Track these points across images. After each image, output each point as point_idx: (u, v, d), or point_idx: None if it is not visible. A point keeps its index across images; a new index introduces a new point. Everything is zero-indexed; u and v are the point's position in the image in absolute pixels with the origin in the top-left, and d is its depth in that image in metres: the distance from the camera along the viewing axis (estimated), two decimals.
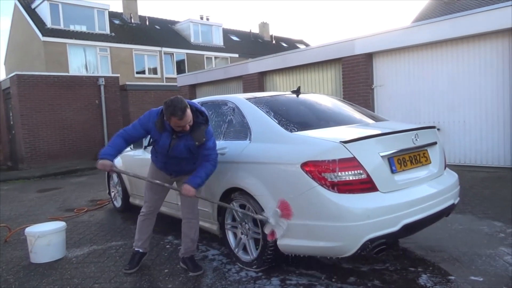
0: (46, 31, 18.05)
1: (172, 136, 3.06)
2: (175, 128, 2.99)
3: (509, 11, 6.39)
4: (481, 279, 2.78)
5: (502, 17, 6.48)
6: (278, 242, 2.89)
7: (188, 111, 2.91)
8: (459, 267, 3.01)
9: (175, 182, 3.43)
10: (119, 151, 3.17)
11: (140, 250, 3.44)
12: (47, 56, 17.69)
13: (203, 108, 3.15)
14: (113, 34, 20.41)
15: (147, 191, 3.43)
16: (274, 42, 30.34)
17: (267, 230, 2.86)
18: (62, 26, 18.74)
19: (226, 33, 27.06)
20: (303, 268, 3.14)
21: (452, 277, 2.85)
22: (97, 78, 13.67)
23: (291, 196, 2.80)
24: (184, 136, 3.06)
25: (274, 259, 3.05)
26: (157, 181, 3.23)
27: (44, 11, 18.67)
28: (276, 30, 68.44)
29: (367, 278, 2.91)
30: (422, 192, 2.89)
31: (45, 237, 3.66)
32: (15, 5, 20.36)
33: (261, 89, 11.02)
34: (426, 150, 3.17)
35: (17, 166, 12.87)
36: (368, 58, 8.51)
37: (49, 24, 18.38)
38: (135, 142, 3.17)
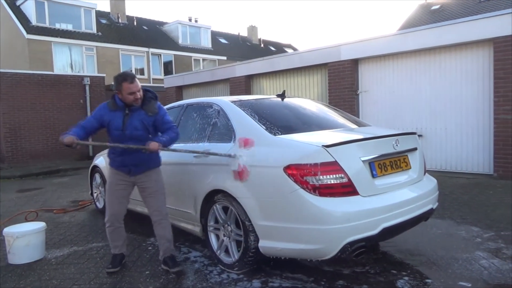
0: (31, 29, 17.77)
1: (125, 112, 3.19)
2: (127, 99, 3.13)
3: (491, 22, 6.59)
4: (457, 283, 2.84)
5: (484, 27, 6.67)
6: (259, 245, 2.91)
7: (137, 80, 3.17)
8: (436, 270, 3.08)
9: (136, 187, 3.39)
10: (79, 135, 3.13)
11: (120, 253, 3.46)
12: (31, 54, 17.40)
13: (150, 89, 3.37)
14: (99, 33, 20.21)
15: (108, 196, 3.38)
16: (262, 45, 30.47)
17: (234, 167, 3.04)
18: (47, 24, 18.48)
19: (215, 35, 27.06)
20: (288, 271, 3.16)
21: (429, 280, 2.91)
22: (82, 77, 13.49)
23: (273, 199, 2.82)
24: (136, 110, 3.20)
25: (255, 261, 3.06)
26: (121, 145, 3.16)
27: (29, 9, 18.38)
28: (265, 34, 68.69)
29: (345, 280, 2.95)
30: (402, 196, 2.95)
31: (24, 238, 3.60)
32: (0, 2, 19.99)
33: (248, 92, 11.06)
34: (407, 155, 3.23)
35: None
36: (354, 64, 8.63)
37: (34, 21, 18.10)
38: (91, 134, 3.26)
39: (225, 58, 24.62)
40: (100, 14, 22.10)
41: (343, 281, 2.96)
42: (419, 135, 7.23)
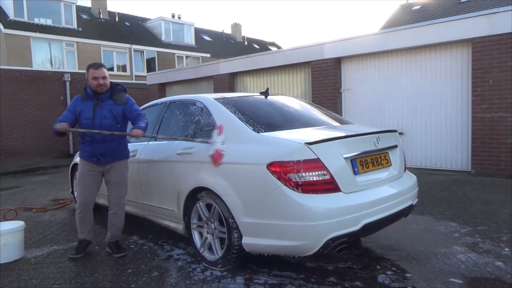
0: (9, 23, 17.31)
1: (95, 101, 3.48)
2: (91, 84, 3.45)
3: (469, 23, 6.75)
4: (436, 276, 2.92)
5: (462, 28, 6.83)
6: (243, 241, 2.92)
7: (104, 69, 3.49)
8: (415, 265, 3.15)
9: (104, 175, 3.66)
10: (72, 121, 3.49)
11: (86, 239, 3.70)
12: (9, 50, 16.96)
13: (120, 84, 3.71)
14: (80, 29, 19.83)
15: (79, 185, 3.66)
16: (246, 43, 30.43)
17: (211, 152, 3.18)
18: (26, 19, 18.03)
19: (198, 32, 26.90)
20: (275, 268, 3.16)
21: (409, 275, 2.97)
22: (62, 74, 13.22)
23: (257, 196, 2.83)
24: (105, 100, 3.50)
25: (239, 258, 3.07)
26: (105, 131, 3.43)
27: (6, 2, 17.90)
28: (249, 32, 68.63)
29: (326, 276, 2.99)
30: (383, 193, 3.00)
31: (2, 237, 3.52)
32: None
33: (232, 89, 11.04)
34: (387, 152, 3.29)
35: None
36: (337, 62, 8.72)
37: (11, 16, 17.63)
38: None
39: (208, 55, 24.51)
40: (81, 9, 21.68)
41: (332, 277, 2.99)
42: (400, 133, 7.36)
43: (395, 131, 3.58)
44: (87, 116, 3.48)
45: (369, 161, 3.07)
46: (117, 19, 23.07)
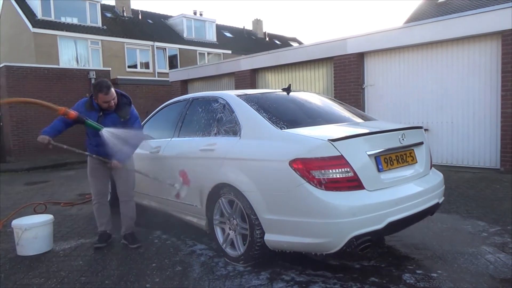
0: (37, 23, 17.82)
1: (99, 114, 3.63)
2: (102, 105, 3.57)
3: (500, 15, 6.50)
4: (463, 277, 2.85)
5: (492, 20, 6.58)
6: (265, 238, 2.93)
7: (112, 89, 3.55)
8: (442, 264, 3.08)
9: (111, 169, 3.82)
10: (57, 131, 3.68)
11: (106, 231, 3.90)
12: (37, 48, 17.47)
13: (127, 94, 3.81)
14: (105, 27, 20.22)
15: (90, 178, 3.92)
16: (267, 39, 30.32)
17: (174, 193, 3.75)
18: (53, 18, 18.51)
19: (220, 29, 26.97)
20: (303, 266, 3.15)
21: (435, 274, 2.91)
22: (88, 71, 13.56)
23: (279, 193, 2.83)
24: (110, 114, 3.64)
25: (261, 254, 3.08)
26: (94, 155, 3.76)
27: (34, 2, 18.42)
28: (270, 28, 68.39)
29: (355, 274, 2.96)
30: (408, 190, 2.94)
31: (32, 230, 3.65)
32: None
33: (253, 86, 11.04)
34: (413, 149, 3.22)
35: (4, 158, 12.70)
36: (360, 57, 8.58)
37: (39, 15, 18.14)
38: (72, 125, 3.72)
39: (230, 52, 24.55)
40: (105, 8, 22.09)
41: (357, 275, 2.96)
42: (425, 129, 7.19)
43: (420, 127, 3.49)
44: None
45: (393, 158, 3.01)
46: (140, 17, 23.40)
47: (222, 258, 3.36)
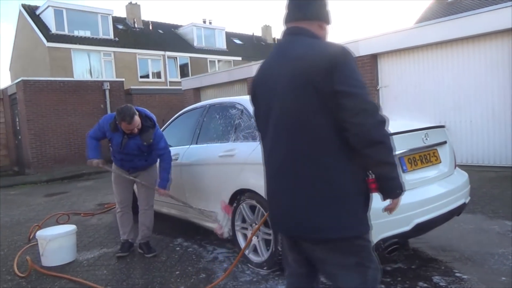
0: (51, 37, 18.18)
1: (124, 136, 3.63)
2: (125, 131, 3.58)
3: None
4: (495, 278, 2.76)
5: (506, 16, 6.47)
6: None
7: (136, 117, 3.51)
8: (472, 266, 3.00)
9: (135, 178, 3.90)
10: (97, 149, 3.82)
11: (129, 239, 3.90)
12: (52, 62, 17.80)
13: (151, 114, 3.77)
14: (116, 39, 20.52)
15: (115, 188, 3.94)
16: None
17: (215, 226, 3.50)
18: (66, 32, 18.86)
19: (229, 36, 27.12)
20: None
21: (466, 276, 2.83)
22: (102, 82, 13.74)
23: None
24: (133, 136, 3.64)
25: None
26: (126, 175, 3.84)
27: (48, 17, 18.81)
28: (279, 33, 68.46)
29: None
30: (433, 191, 2.88)
31: (56, 241, 3.68)
32: (20, 12, 20.53)
33: None
34: (436, 149, 3.16)
35: (23, 171, 12.93)
36: (373, 59, 8.51)
37: (53, 29, 18.51)
38: (100, 140, 3.84)
39: (240, 58, 24.65)
40: (116, 20, 22.43)
41: (388, 278, 2.90)
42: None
43: (443, 126, 3.44)
44: (116, 144, 3.71)
45: (417, 158, 2.96)
46: (150, 28, 23.70)
47: (245, 264, 3.34)
